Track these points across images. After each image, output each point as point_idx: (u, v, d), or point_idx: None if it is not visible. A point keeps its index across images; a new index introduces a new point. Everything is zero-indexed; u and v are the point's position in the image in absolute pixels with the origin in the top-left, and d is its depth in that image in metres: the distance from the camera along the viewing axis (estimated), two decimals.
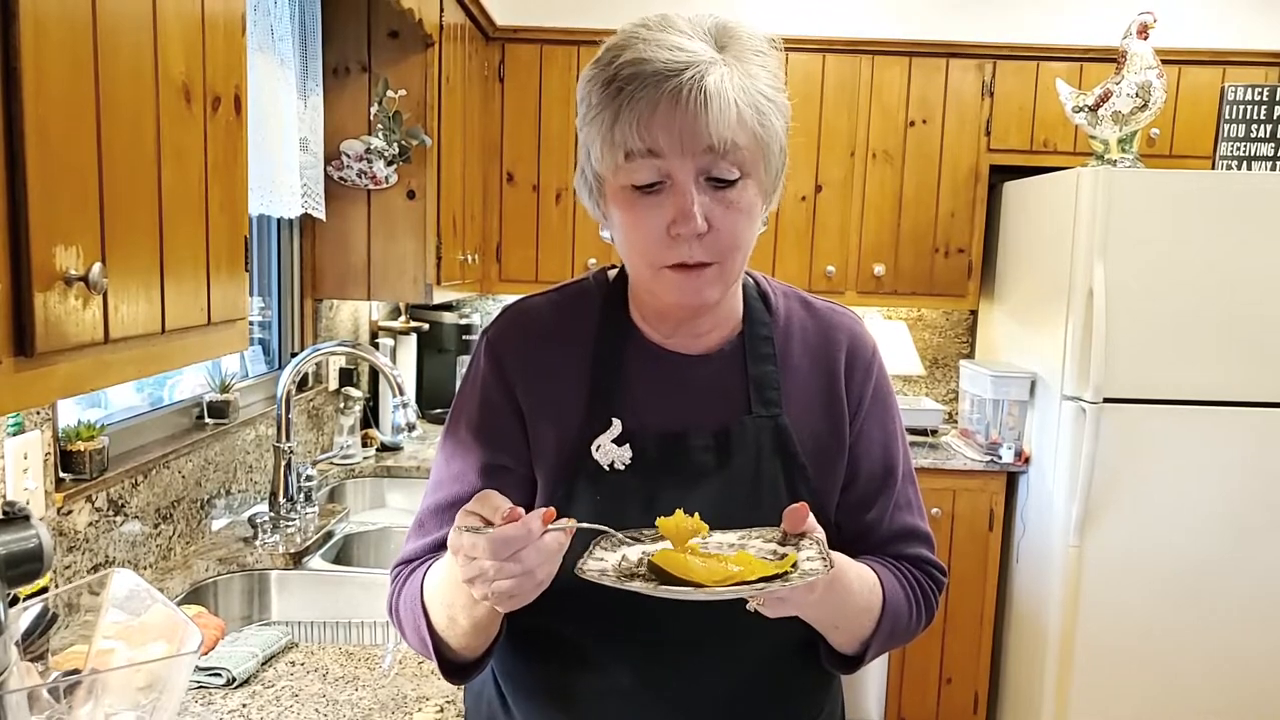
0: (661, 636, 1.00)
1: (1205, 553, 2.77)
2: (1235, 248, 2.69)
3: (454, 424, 1.07)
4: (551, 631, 1.03)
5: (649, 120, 0.88)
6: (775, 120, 0.93)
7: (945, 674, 3.15)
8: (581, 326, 1.04)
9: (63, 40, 0.83)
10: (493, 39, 3.21)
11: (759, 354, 1.03)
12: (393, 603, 1.05)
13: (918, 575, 1.07)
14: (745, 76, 0.90)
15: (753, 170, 0.92)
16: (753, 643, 1.01)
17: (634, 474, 0.99)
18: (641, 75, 0.88)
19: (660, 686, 1.01)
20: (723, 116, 0.87)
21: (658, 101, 0.87)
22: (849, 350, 1.06)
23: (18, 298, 0.79)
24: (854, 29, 3.25)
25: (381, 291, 2.63)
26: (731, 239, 0.92)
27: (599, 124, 0.91)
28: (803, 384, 1.04)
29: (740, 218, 0.92)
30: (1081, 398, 2.73)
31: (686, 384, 1.03)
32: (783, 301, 1.08)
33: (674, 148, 0.88)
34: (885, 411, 1.08)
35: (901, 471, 1.08)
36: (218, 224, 1.14)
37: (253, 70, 1.93)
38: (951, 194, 3.30)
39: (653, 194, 0.91)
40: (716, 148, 0.88)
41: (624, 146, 0.89)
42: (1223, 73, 3.20)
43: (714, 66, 0.88)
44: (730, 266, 0.94)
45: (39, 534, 0.86)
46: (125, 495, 1.72)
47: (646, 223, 0.92)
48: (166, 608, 1.03)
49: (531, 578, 0.82)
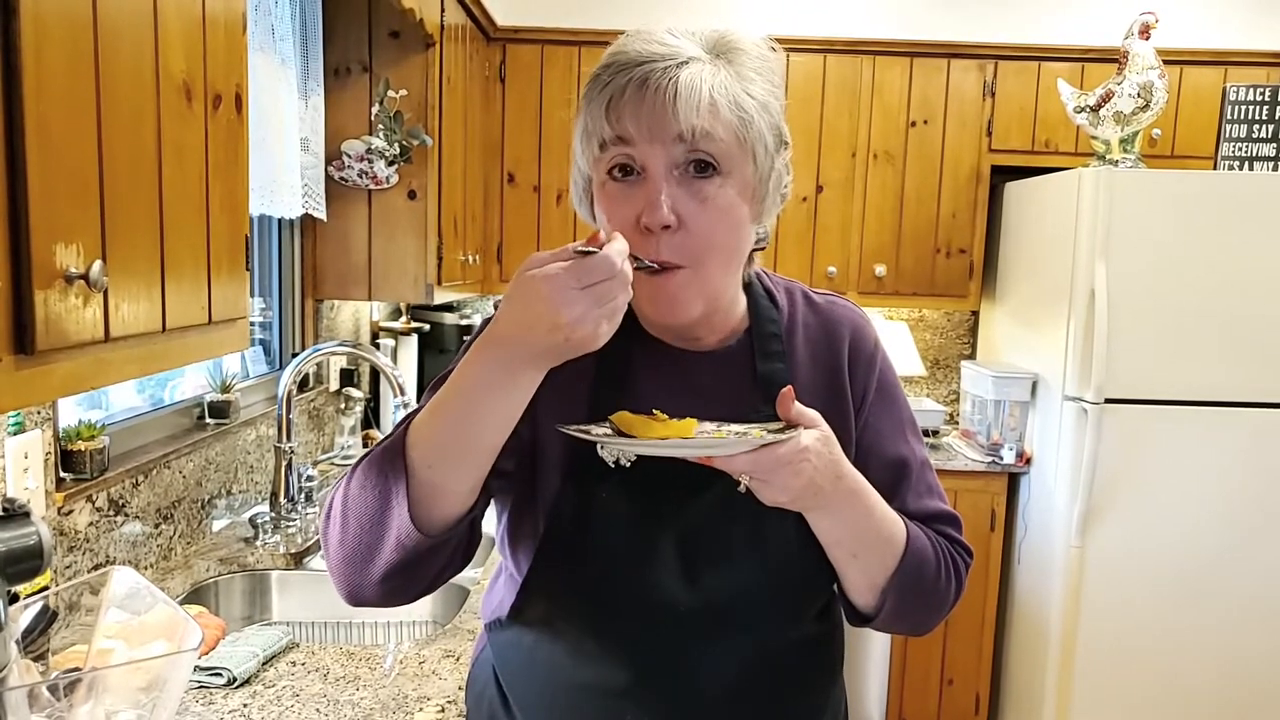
0: (662, 636, 0.99)
1: (1207, 553, 2.76)
2: (1237, 248, 2.68)
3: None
4: (553, 631, 1.03)
5: (618, 105, 0.87)
6: (760, 121, 0.90)
7: (946, 675, 3.14)
8: None
9: (63, 38, 0.83)
10: (494, 39, 3.21)
11: (767, 351, 1.02)
12: (342, 485, 0.91)
13: (947, 544, 1.04)
14: (734, 78, 0.89)
15: (734, 169, 0.89)
16: (756, 639, 1.01)
17: (639, 471, 0.98)
18: (617, 64, 0.88)
19: (661, 687, 1.01)
20: (691, 104, 0.85)
21: (625, 87, 0.87)
22: (851, 343, 1.06)
23: (18, 295, 0.79)
24: (855, 29, 3.25)
25: (382, 292, 2.63)
26: (705, 238, 0.89)
27: (581, 117, 0.91)
28: (808, 379, 1.03)
29: (715, 215, 0.89)
30: (1083, 398, 2.72)
31: (692, 382, 1.02)
32: (785, 297, 1.08)
33: (642, 134, 0.87)
34: (892, 402, 1.07)
35: (918, 459, 1.07)
36: (219, 223, 1.14)
37: (253, 70, 1.93)
38: (953, 194, 3.29)
39: (628, 184, 0.90)
40: (686, 136, 0.86)
41: (598, 135, 0.89)
42: (1224, 73, 3.20)
43: (695, 62, 0.87)
44: (706, 273, 0.91)
45: (39, 531, 0.86)
46: (126, 495, 1.72)
47: (619, 213, 0.90)
48: (167, 606, 1.03)
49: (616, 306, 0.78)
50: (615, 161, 0.90)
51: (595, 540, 0.98)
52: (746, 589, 0.98)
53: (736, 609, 0.99)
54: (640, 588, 0.97)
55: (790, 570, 1.00)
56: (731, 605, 0.99)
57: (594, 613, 0.99)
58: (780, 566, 0.99)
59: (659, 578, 0.97)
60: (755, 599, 0.99)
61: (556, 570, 1.00)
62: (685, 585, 0.97)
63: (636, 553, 0.97)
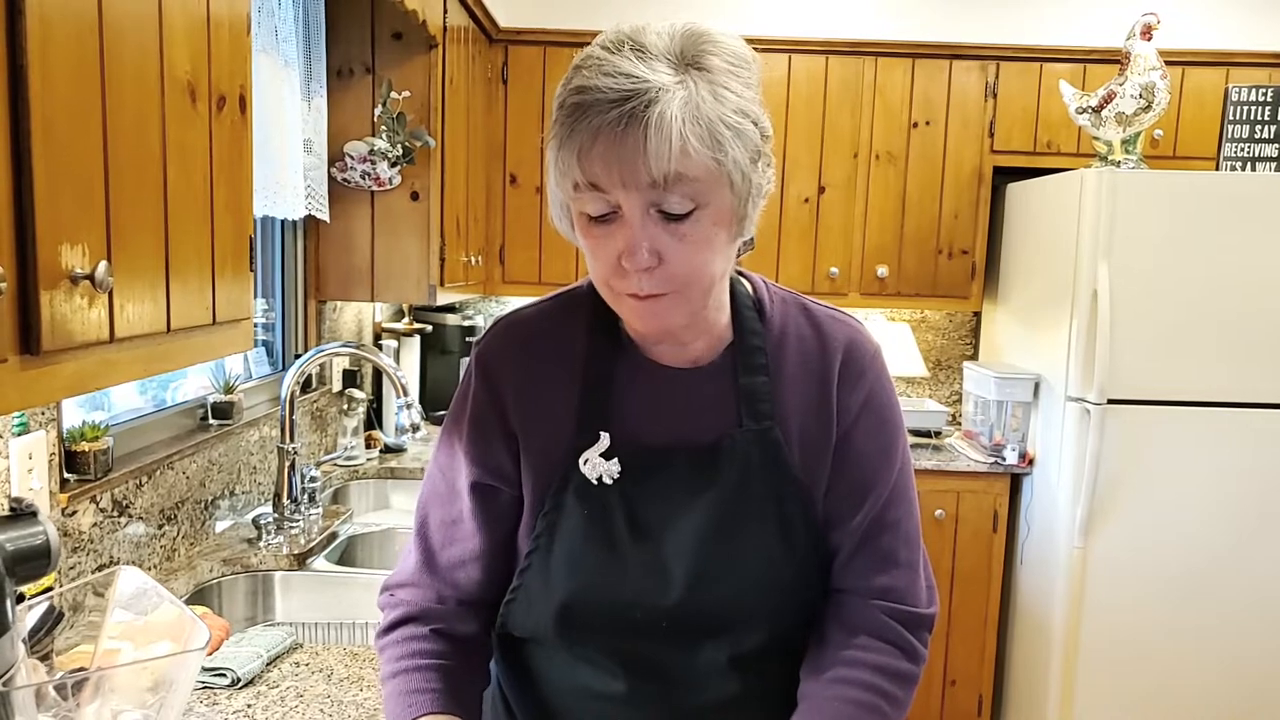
0: (651, 645, 1.00)
1: (1211, 554, 2.76)
2: (1239, 248, 2.68)
3: (448, 436, 1.06)
4: (545, 640, 1.04)
5: (589, 153, 0.84)
6: (735, 149, 0.86)
7: (949, 676, 3.14)
8: (572, 337, 1.03)
9: (69, 39, 0.83)
10: (496, 41, 3.21)
11: (750, 365, 1.01)
12: (385, 667, 1.05)
13: (881, 670, 0.99)
14: (710, 99, 0.85)
15: (710, 200, 0.87)
16: (744, 648, 1.01)
17: (622, 488, 0.98)
18: (583, 106, 0.84)
19: (652, 694, 1.02)
20: (662, 150, 0.82)
21: (596, 134, 0.84)
22: (844, 357, 1.02)
23: (24, 296, 0.79)
24: (857, 30, 3.24)
25: (385, 293, 2.63)
26: (685, 271, 0.89)
27: (551, 149, 0.89)
28: (798, 392, 1.01)
29: (693, 250, 0.88)
30: (1085, 399, 2.72)
31: (676, 397, 1.01)
32: (779, 309, 1.04)
33: (614, 182, 0.85)
34: (880, 425, 1.03)
35: (889, 488, 1.02)
36: (223, 223, 1.14)
37: (257, 72, 1.93)
38: (955, 195, 3.29)
39: (605, 224, 0.88)
40: (660, 182, 0.84)
41: (570, 177, 0.87)
42: (1226, 74, 3.20)
43: (663, 94, 0.83)
44: (690, 294, 0.91)
45: (46, 530, 0.86)
46: (129, 496, 1.72)
47: (601, 252, 0.90)
48: (174, 605, 1.03)
49: None
50: (591, 206, 0.88)
51: (581, 553, 0.98)
52: (732, 599, 0.98)
53: (722, 619, 0.99)
54: (626, 598, 0.98)
55: (776, 580, 1.00)
56: (717, 615, 0.99)
57: (583, 624, 0.99)
58: (765, 576, 0.99)
59: (644, 589, 0.98)
60: (741, 609, 0.99)
61: (545, 581, 1.00)
62: (671, 596, 0.97)
63: (621, 565, 0.98)
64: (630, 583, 0.98)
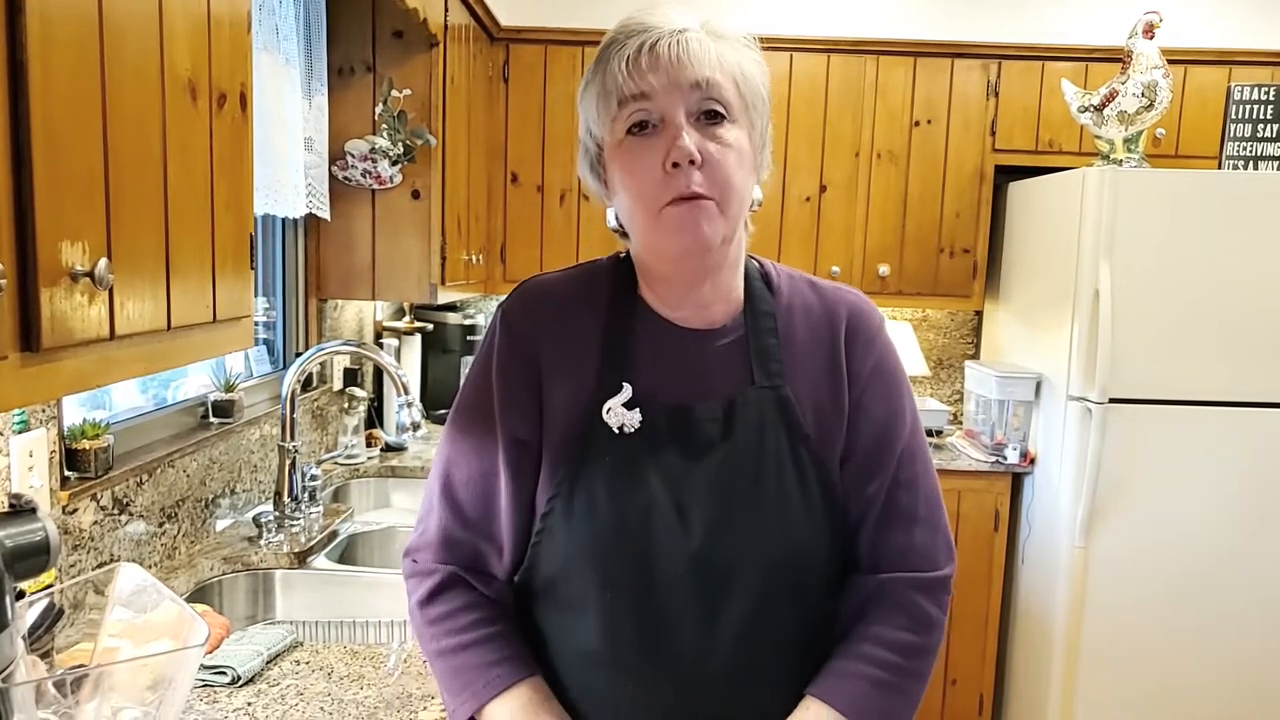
0: (663, 604, 1.00)
1: (1212, 553, 2.76)
2: (1241, 247, 2.68)
3: (469, 398, 1.09)
4: (555, 598, 1.05)
5: (636, 62, 0.95)
6: (756, 79, 0.99)
7: (950, 676, 3.14)
8: (594, 299, 1.08)
9: (69, 36, 0.83)
10: (497, 39, 3.21)
11: (761, 328, 1.06)
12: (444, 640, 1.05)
13: (895, 646, 1.04)
14: (730, 52, 0.98)
15: (740, 118, 0.98)
16: (756, 611, 1.01)
17: (643, 438, 1.01)
18: (629, 30, 0.97)
19: (660, 659, 1.01)
20: (705, 57, 0.95)
21: (641, 48, 0.95)
22: (850, 323, 1.08)
23: (24, 293, 0.79)
24: (858, 29, 3.24)
25: (386, 292, 2.63)
26: (723, 175, 0.96)
27: (595, 83, 0.98)
28: (805, 356, 1.06)
29: (731, 154, 0.96)
30: (1087, 398, 2.72)
31: (693, 358, 1.05)
32: (786, 282, 1.11)
33: (661, 85, 0.94)
34: (891, 387, 1.08)
35: (902, 446, 1.07)
36: (223, 221, 1.14)
37: (258, 70, 1.94)
38: (956, 194, 3.29)
39: (647, 136, 0.96)
40: (702, 84, 0.94)
41: (616, 94, 0.96)
42: (1229, 72, 3.19)
43: (698, 33, 0.97)
44: (727, 205, 0.97)
45: (46, 527, 0.86)
46: (130, 494, 1.72)
47: (644, 163, 0.96)
48: (174, 603, 1.03)
49: None
50: (635, 118, 0.96)
51: (605, 500, 1.00)
52: (747, 555, 1.00)
53: (736, 575, 1.00)
54: (647, 543, 0.99)
55: (794, 538, 1.01)
56: (731, 571, 1.00)
57: (596, 579, 1.01)
58: (783, 533, 1.01)
59: (664, 534, 0.99)
60: (756, 566, 1.00)
61: (561, 535, 1.02)
62: (691, 544, 0.99)
63: (642, 511, 1.00)
64: (651, 528, 0.99)
